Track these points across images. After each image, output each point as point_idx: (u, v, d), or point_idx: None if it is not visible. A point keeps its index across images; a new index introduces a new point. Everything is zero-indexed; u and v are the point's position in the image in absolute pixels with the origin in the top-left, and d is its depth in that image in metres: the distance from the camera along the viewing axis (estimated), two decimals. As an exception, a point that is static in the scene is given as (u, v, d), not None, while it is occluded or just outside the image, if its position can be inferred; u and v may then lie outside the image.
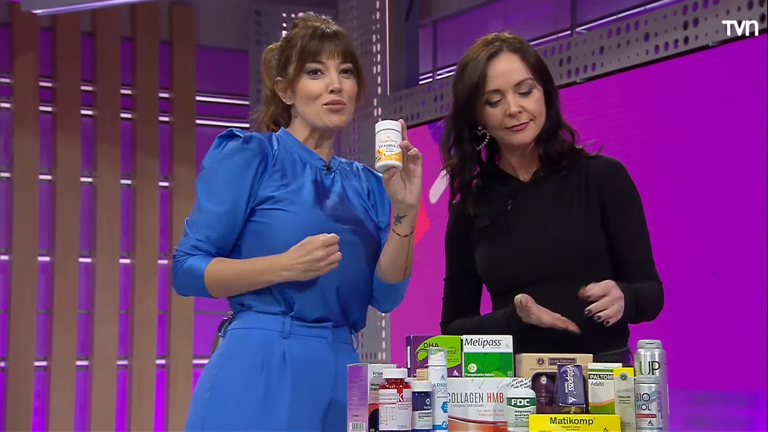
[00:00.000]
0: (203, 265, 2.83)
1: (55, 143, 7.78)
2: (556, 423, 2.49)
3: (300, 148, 2.95)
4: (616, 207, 3.00)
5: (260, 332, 2.85)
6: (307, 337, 2.86)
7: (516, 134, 2.97)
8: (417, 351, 2.61)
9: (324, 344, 2.88)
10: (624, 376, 2.54)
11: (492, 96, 2.97)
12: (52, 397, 7.60)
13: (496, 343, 2.64)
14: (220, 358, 2.88)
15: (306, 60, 2.91)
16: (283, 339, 2.84)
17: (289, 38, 2.98)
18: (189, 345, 7.97)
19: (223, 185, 2.86)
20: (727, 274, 5.21)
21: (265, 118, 3.05)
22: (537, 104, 2.98)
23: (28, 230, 7.62)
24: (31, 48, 7.70)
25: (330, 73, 2.91)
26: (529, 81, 2.97)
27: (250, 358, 2.83)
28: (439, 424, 2.51)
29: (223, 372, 2.84)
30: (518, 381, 2.56)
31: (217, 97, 8.20)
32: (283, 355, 2.83)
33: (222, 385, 2.82)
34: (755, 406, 5.38)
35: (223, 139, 2.92)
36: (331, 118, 2.92)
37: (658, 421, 2.51)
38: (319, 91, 2.91)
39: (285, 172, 2.91)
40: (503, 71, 2.97)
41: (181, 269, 2.85)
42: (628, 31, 5.86)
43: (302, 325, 2.86)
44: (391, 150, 2.80)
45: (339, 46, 2.92)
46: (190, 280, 2.85)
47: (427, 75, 8.00)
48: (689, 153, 5.40)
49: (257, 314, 2.87)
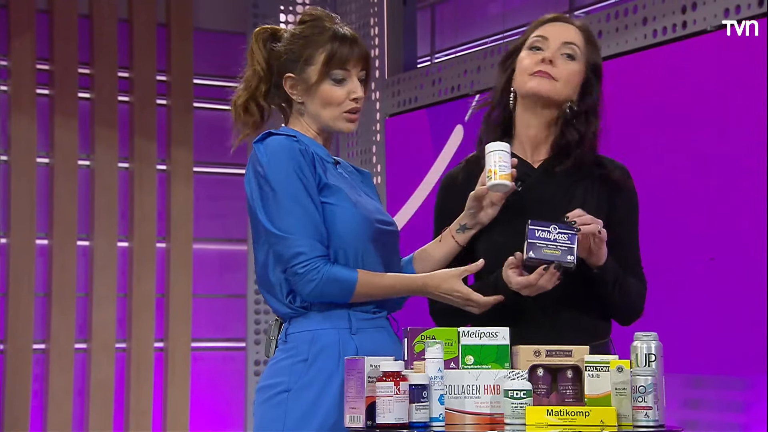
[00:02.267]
0: (354, 274, 2.84)
1: (52, 126, 7.74)
2: (553, 415, 2.52)
3: (314, 144, 2.94)
4: (621, 211, 3.01)
5: (330, 332, 2.86)
6: (370, 329, 2.89)
7: (537, 78, 2.95)
8: (414, 343, 2.64)
9: (385, 334, 2.93)
10: (620, 368, 2.57)
11: (536, 41, 2.98)
12: (51, 379, 7.59)
13: (493, 335, 2.66)
14: (292, 361, 2.87)
15: (334, 66, 2.90)
16: (353, 335, 2.87)
17: (305, 36, 2.95)
18: (187, 328, 7.95)
19: (302, 185, 2.84)
20: (725, 258, 5.22)
21: (256, 94, 2.99)
22: (572, 74, 2.96)
23: (26, 214, 7.59)
24: (28, 30, 7.64)
25: (352, 80, 2.93)
26: (577, 48, 2.97)
27: (327, 359, 2.84)
28: (436, 417, 2.54)
29: (300, 375, 2.85)
30: (515, 373, 2.59)
31: (215, 80, 8.17)
32: (356, 351, 2.84)
33: (301, 387, 2.83)
34: (752, 389, 5.39)
35: (262, 143, 2.88)
36: (348, 125, 2.96)
37: (654, 414, 2.53)
38: (342, 98, 2.92)
39: (318, 168, 2.90)
40: (560, 30, 2.98)
41: (324, 278, 2.81)
42: (626, 15, 5.83)
43: (364, 317, 2.89)
44: (503, 170, 2.86)
45: (362, 52, 2.94)
46: (338, 288, 2.83)
47: (425, 58, 7.96)
48: (687, 137, 5.40)
49: (320, 313, 2.88)
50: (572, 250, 2.72)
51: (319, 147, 2.95)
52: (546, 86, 2.94)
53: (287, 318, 2.92)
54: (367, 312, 2.89)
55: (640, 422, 2.54)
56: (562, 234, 2.73)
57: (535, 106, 2.99)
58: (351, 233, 2.86)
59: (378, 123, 7.55)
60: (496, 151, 2.87)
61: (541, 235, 2.72)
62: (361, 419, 2.56)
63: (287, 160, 2.84)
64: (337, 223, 2.85)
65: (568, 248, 2.72)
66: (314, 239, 2.81)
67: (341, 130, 2.96)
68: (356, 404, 2.58)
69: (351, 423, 2.58)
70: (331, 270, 2.82)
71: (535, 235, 2.72)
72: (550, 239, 2.72)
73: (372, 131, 7.60)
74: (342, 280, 2.82)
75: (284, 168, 2.84)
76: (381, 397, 2.51)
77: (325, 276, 2.81)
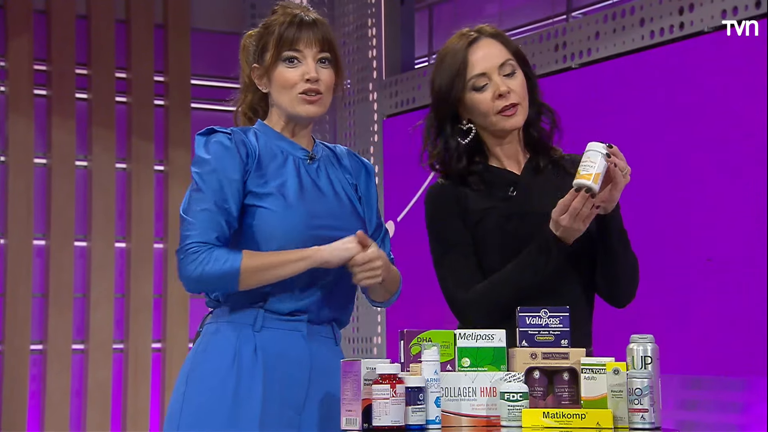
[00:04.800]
0: (238, 255, 2.76)
1: (50, 127, 7.75)
2: (549, 417, 2.53)
3: (279, 139, 2.92)
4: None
5: (231, 325, 2.83)
6: (280, 330, 2.84)
7: (509, 119, 2.97)
8: (410, 346, 2.64)
9: (299, 338, 2.85)
10: (616, 371, 2.57)
11: (478, 81, 2.97)
12: (48, 380, 7.60)
13: (490, 338, 2.66)
14: (194, 353, 2.88)
15: (283, 48, 2.88)
16: (255, 332, 2.82)
17: (267, 25, 2.94)
18: (185, 328, 7.98)
19: (220, 183, 2.81)
20: (722, 259, 5.22)
21: (243, 106, 3.02)
22: (522, 87, 3.00)
23: (23, 214, 7.61)
24: (26, 31, 7.66)
25: (307, 61, 2.88)
26: (511, 62, 3.00)
27: (222, 353, 2.81)
28: (433, 419, 2.54)
29: (196, 368, 2.83)
30: (511, 375, 2.60)
31: (212, 80, 8.22)
32: (255, 349, 2.81)
33: (195, 381, 2.82)
34: (750, 390, 5.38)
35: (203, 136, 2.87)
36: (306, 108, 2.89)
37: (651, 416, 2.54)
38: (294, 79, 2.88)
39: (267, 168, 2.87)
40: (485, 54, 2.98)
41: (204, 261, 2.76)
42: (623, 16, 5.84)
43: (275, 318, 2.83)
44: (586, 170, 2.80)
45: (317, 34, 2.89)
46: (220, 272, 2.75)
47: (422, 59, 8.00)
48: (683, 137, 5.41)
49: (230, 308, 2.85)
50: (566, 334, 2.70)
51: (282, 139, 2.92)
52: (518, 119, 2.99)
53: (210, 309, 2.93)
54: (279, 313, 2.84)
55: (636, 424, 2.54)
56: (553, 318, 2.71)
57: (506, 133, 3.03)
58: (277, 238, 2.81)
59: (376, 124, 7.56)
60: (586, 151, 2.82)
61: (532, 321, 2.70)
62: (357, 422, 2.55)
63: (214, 159, 2.81)
64: (263, 226, 2.82)
65: (561, 332, 2.70)
66: (210, 228, 2.77)
67: (302, 114, 2.90)
68: (352, 407, 2.57)
69: (347, 426, 2.58)
70: (214, 252, 2.76)
71: (526, 322, 2.70)
72: (542, 324, 2.70)
73: (370, 132, 7.60)
74: (224, 261, 2.75)
75: (210, 166, 2.81)
76: (377, 399, 2.51)
77: (206, 260, 2.75)
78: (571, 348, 2.66)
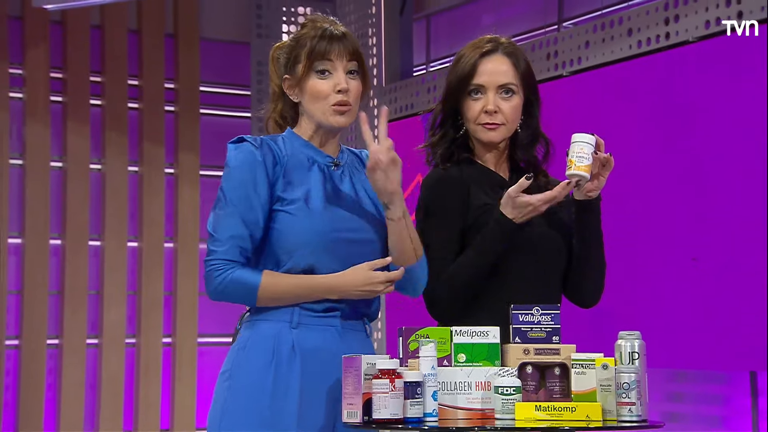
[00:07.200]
0: (257, 278, 2.83)
1: (65, 132, 7.82)
2: (541, 410, 2.56)
3: (306, 147, 2.94)
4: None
5: (270, 323, 2.85)
6: (316, 326, 2.85)
7: (486, 132, 3.05)
8: (409, 342, 2.64)
9: (333, 333, 2.86)
10: (605, 366, 2.61)
11: (476, 89, 3.06)
12: (64, 373, 7.68)
13: (485, 334, 2.68)
14: (236, 349, 2.90)
15: (315, 60, 2.89)
16: (292, 329, 2.84)
17: (297, 38, 2.96)
18: (194, 325, 8.05)
19: (246, 194, 2.84)
20: (707, 259, 5.24)
21: (274, 114, 3.04)
22: (513, 111, 3.06)
23: (40, 215, 7.67)
24: (42, 40, 7.73)
25: (337, 73, 2.90)
26: (513, 86, 3.06)
27: (261, 349, 2.83)
28: (430, 412, 2.56)
29: (238, 364, 2.86)
30: (505, 370, 2.63)
31: (220, 87, 8.26)
32: (292, 345, 2.82)
33: (237, 377, 2.85)
34: (732, 384, 5.46)
35: (233, 144, 2.90)
36: (338, 119, 2.92)
37: (638, 409, 2.58)
38: (327, 91, 2.90)
39: (293, 175, 2.89)
40: (492, 70, 3.07)
41: (227, 279, 2.82)
42: (612, 26, 5.89)
43: (311, 315, 2.85)
44: (581, 161, 2.90)
45: (347, 46, 2.92)
46: (241, 290, 2.83)
47: (420, 67, 8.02)
48: (670, 142, 5.43)
49: (268, 306, 2.87)
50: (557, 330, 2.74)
51: (310, 147, 2.95)
52: (494, 135, 3.08)
53: (249, 309, 2.95)
54: (314, 311, 2.86)
55: (624, 417, 2.57)
56: (545, 315, 2.73)
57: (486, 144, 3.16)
58: (299, 243, 2.84)
59: (376, 129, 7.58)
60: (577, 142, 2.89)
61: (525, 319, 2.71)
62: (358, 415, 2.56)
63: (242, 171, 2.86)
64: (287, 231, 2.84)
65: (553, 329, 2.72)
66: (234, 244, 2.82)
67: (333, 124, 2.92)
68: (353, 400, 2.58)
69: (348, 419, 2.59)
70: (236, 272, 2.81)
71: (519, 320, 2.72)
72: (534, 322, 2.72)
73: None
74: (244, 282, 2.81)
75: (237, 178, 2.85)
76: (377, 393, 2.52)
77: (228, 277, 2.80)
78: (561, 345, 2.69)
